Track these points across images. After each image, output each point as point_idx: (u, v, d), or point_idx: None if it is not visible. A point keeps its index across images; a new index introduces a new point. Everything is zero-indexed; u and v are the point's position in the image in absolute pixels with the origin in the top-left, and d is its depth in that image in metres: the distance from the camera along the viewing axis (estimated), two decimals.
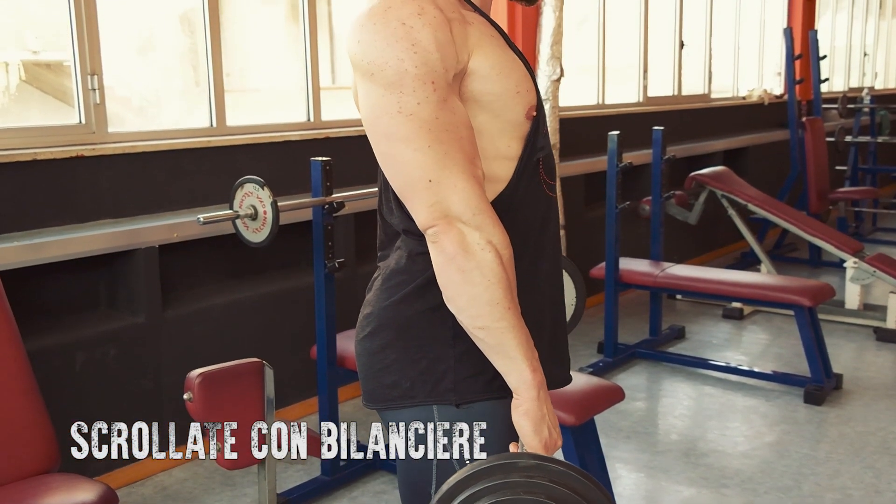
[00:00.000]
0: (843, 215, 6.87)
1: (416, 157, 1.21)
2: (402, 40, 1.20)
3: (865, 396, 3.86)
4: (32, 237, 2.85)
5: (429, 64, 1.21)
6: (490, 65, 1.28)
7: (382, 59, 1.21)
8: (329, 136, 3.87)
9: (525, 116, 1.32)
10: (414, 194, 1.23)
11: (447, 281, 1.24)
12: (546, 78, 4.53)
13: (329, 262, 2.88)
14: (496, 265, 1.22)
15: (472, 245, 1.21)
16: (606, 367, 4.23)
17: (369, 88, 1.23)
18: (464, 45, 1.26)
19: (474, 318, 1.23)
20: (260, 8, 4.17)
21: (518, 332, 1.25)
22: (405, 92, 1.20)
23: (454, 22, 1.26)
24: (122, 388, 3.09)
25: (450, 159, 1.22)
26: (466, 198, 1.22)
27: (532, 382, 1.26)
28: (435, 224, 1.22)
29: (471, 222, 1.21)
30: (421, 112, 1.21)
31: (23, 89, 3.34)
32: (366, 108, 1.25)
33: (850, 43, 9.93)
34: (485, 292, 1.22)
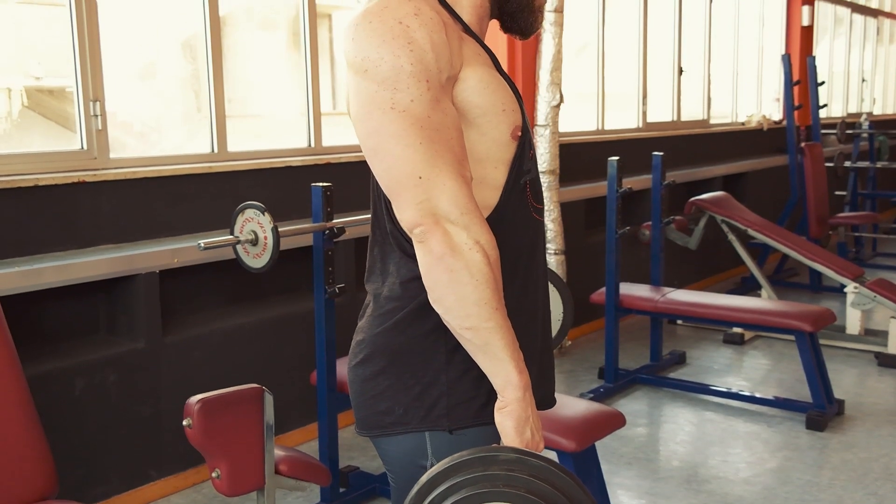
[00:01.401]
0: (843, 240, 6.88)
1: (407, 154, 1.21)
2: (398, 38, 1.21)
3: (868, 422, 3.84)
4: (33, 262, 2.85)
5: (424, 62, 1.22)
6: (478, 78, 1.29)
7: (378, 56, 1.22)
8: (330, 162, 3.88)
9: (511, 136, 1.32)
10: (402, 191, 1.23)
11: (434, 281, 1.23)
12: (546, 104, 4.55)
13: (329, 287, 2.88)
14: (484, 265, 1.21)
15: (459, 245, 1.21)
16: (607, 392, 4.21)
17: (362, 84, 1.24)
18: (458, 53, 1.27)
19: (462, 318, 1.23)
20: (261, 35, 4.21)
21: (505, 333, 1.24)
22: (399, 88, 1.21)
23: (449, 27, 1.27)
24: (122, 413, 3.08)
25: (440, 158, 1.22)
26: (454, 197, 1.21)
27: (518, 383, 1.26)
28: (422, 223, 1.21)
29: (458, 222, 1.21)
30: (414, 109, 1.21)
31: (25, 115, 3.36)
32: (357, 104, 1.26)
33: (848, 69, 9.99)
34: (473, 292, 1.21)
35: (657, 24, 6.36)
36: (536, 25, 1.45)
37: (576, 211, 5.09)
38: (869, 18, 10.53)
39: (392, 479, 1.44)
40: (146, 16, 3.64)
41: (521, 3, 1.41)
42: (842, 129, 7.40)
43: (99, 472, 3.03)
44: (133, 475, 3.13)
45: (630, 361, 4.63)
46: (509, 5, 1.41)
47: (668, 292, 4.39)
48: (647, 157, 4.72)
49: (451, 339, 1.30)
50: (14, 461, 2.17)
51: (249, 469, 2.14)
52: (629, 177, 4.79)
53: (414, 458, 1.36)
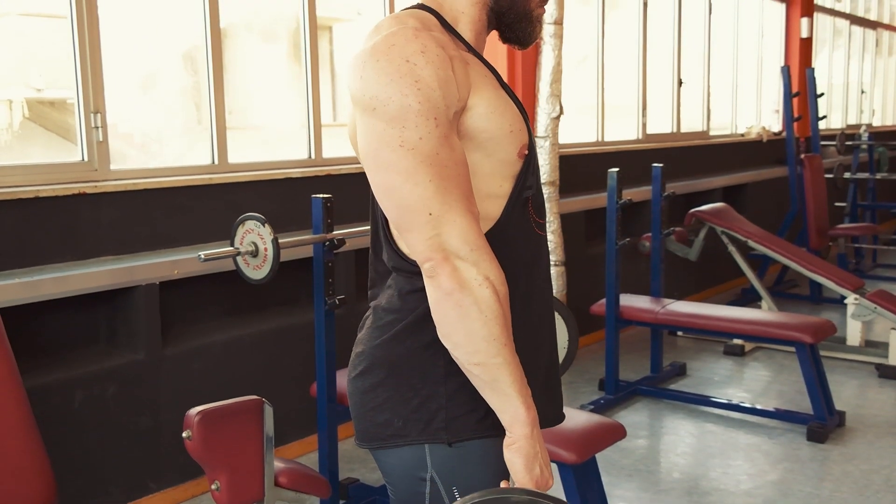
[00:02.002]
0: (843, 251, 6.88)
1: (416, 191, 1.22)
2: (405, 76, 1.22)
3: (869, 434, 3.83)
4: (33, 274, 2.85)
5: (431, 100, 1.22)
6: (486, 103, 1.30)
7: (386, 95, 1.22)
8: (330, 174, 3.88)
9: (517, 155, 1.33)
10: (412, 227, 1.24)
11: (443, 317, 1.24)
12: (546, 116, 4.56)
13: (329, 298, 2.87)
14: (493, 301, 1.22)
15: (469, 281, 1.22)
16: (608, 404, 4.20)
17: (370, 122, 1.25)
18: (464, 83, 1.28)
19: (471, 354, 1.24)
20: (262, 46, 4.22)
21: (513, 369, 1.25)
22: (407, 126, 1.22)
23: (455, 60, 1.28)
24: (121, 425, 3.08)
25: (449, 194, 1.23)
26: (464, 233, 1.22)
27: (526, 420, 1.26)
28: (432, 258, 1.22)
29: (468, 258, 1.22)
30: (422, 146, 1.22)
31: (26, 127, 3.37)
32: (365, 142, 1.26)
33: (847, 81, 10.02)
34: (482, 328, 1.22)
35: (657, 36, 6.38)
36: (535, 35, 1.46)
37: (576, 222, 5.10)
38: (868, 30, 10.57)
39: (391, 492, 1.43)
40: (147, 27, 3.65)
41: (520, 14, 1.41)
42: (841, 140, 7.42)
43: (98, 483, 3.02)
44: (132, 487, 3.12)
45: (630, 373, 4.63)
46: (507, 16, 1.41)
47: (669, 304, 4.39)
48: (647, 169, 4.73)
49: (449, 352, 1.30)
50: (13, 473, 2.17)
51: (249, 481, 2.14)
52: (629, 188, 4.79)
53: (413, 470, 1.36)
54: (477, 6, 1.39)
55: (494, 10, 1.41)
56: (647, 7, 6.18)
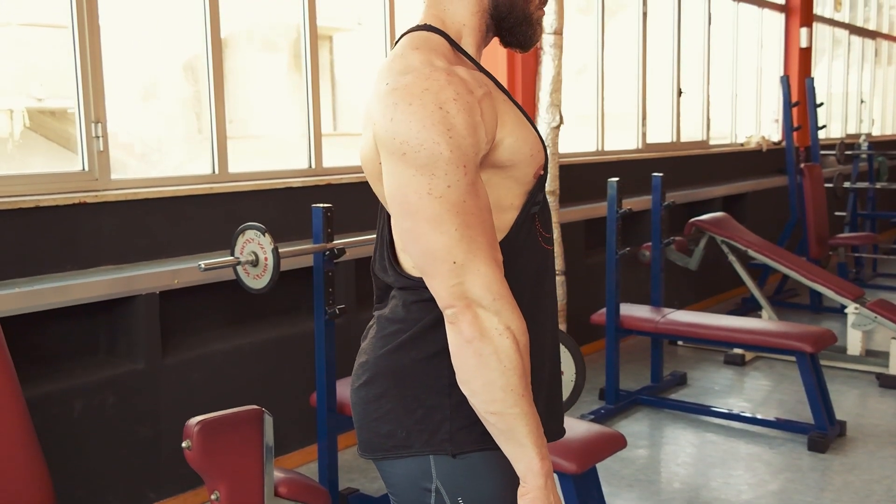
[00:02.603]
0: (843, 261, 6.88)
1: (442, 240, 1.22)
2: (438, 124, 1.21)
3: (870, 444, 3.82)
4: (34, 283, 2.85)
5: (462, 148, 1.22)
6: (511, 136, 1.30)
7: (417, 141, 1.21)
8: (330, 183, 3.89)
9: (533, 176, 1.34)
10: (436, 274, 1.24)
11: (462, 364, 1.24)
12: (546, 125, 4.57)
13: (329, 308, 2.87)
14: (513, 351, 1.22)
15: (490, 330, 1.22)
16: (608, 413, 4.20)
17: (398, 167, 1.23)
18: (492, 123, 1.27)
19: (488, 402, 1.24)
20: (262, 56, 4.23)
21: (530, 420, 1.25)
22: (437, 174, 1.21)
23: (483, 100, 1.27)
24: (121, 435, 3.07)
25: (474, 244, 1.23)
26: (488, 283, 1.22)
27: (540, 471, 1.26)
28: (454, 305, 1.23)
29: (490, 307, 1.22)
30: (450, 195, 1.21)
31: (27, 136, 3.37)
32: (392, 186, 1.25)
33: (846, 90, 10.04)
34: (500, 378, 1.22)
35: (656, 46, 6.39)
36: (536, 38, 1.46)
37: (576, 232, 5.10)
38: (867, 40, 10.60)
39: (395, 502, 1.43)
40: (148, 37, 3.66)
41: (520, 17, 1.41)
42: (841, 149, 7.42)
43: (97, 493, 3.01)
44: (132, 497, 3.11)
45: (631, 382, 4.62)
46: (508, 21, 1.41)
47: (669, 313, 4.39)
48: (646, 178, 4.73)
49: None
50: (13, 482, 2.16)
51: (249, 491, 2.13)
52: (629, 197, 4.79)
53: (418, 480, 1.36)
54: (477, 15, 1.39)
55: (494, 16, 1.41)
56: (646, 17, 6.20)
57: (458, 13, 1.38)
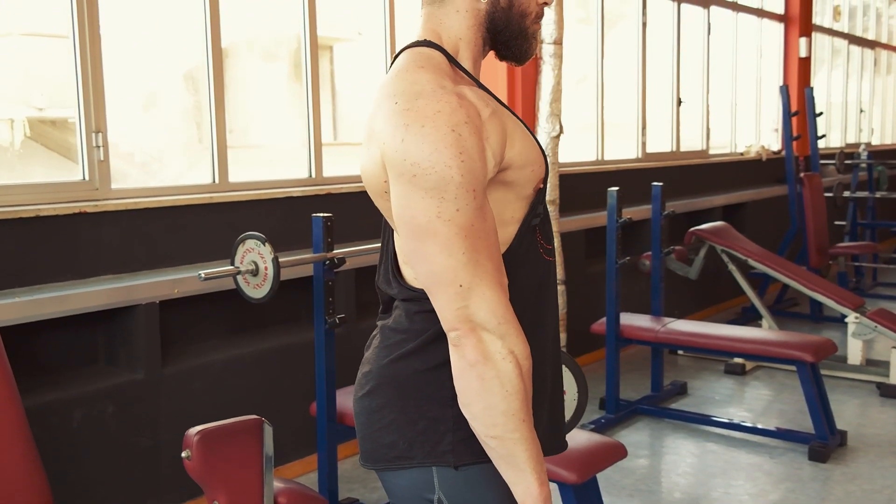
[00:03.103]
0: (843, 270, 6.88)
1: (450, 263, 1.22)
2: (450, 147, 1.20)
3: (871, 453, 3.81)
4: (33, 293, 2.85)
5: (473, 172, 1.22)
6: (518, 155, 1.31)
7: (429, 164, 1.20)
8: (330, 192, 3.89)
9: (533, 189, 1.35)
10: (442, 295, 1.24)
11: (465, 387, 1.24)
12: (546, 135, 4.57)
13: (329, 317, 2.87)
14: (515, 376, 1.22)
15: (493, 354, 1.22)
16: (608, 423, 4.19)
17: (407, 189, 1.23)
18: (500, 145, 1.28)
19: (488, 426, 1.24)
20: (263, 66, 4.24)
21: (530, 445, 1.24)
22: (447, 198, 1.21)
23: (491, 119, 1.27)
24: (120, 445, 3.07)
25: (481, 268, 1.23)
26: (493, 307, 1.22)
27: (538, 497, 1.25)
28: (458, 328, 1.23)
29: (495, 331, 1.22)
30: (459, 219, 1.21)
31: (27, 146, 3.37)
32: (401, 207, 1.25)
33: (846, 100, 10.05)
34: (502, 402, 1.22)
35: (656, 56, 6.41)
36: (531, 52, 1.46)
37: (576, 241, 5.10)
38: (866, 50, 10.62)
39: None
40: (149, 47, 3.67)
41: (515, 31, 1.41)
42: (840, 159, 7.43)
43: (97, 503, 3.00)
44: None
45: (631, 392, 4.62)
46: (503, 34, 1.41)
47: (669, 322, 4.38)
48: (646, 188, 4.74)
49: None
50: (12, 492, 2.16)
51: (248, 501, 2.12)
52: (629, 207, 4.80)
53: (420, 492, 1.36)
54: (473, 29, 1.40)
55: (490, 30, 1.41)
56: (646, 27, 6.22)
57: (455, 28, 1.38)
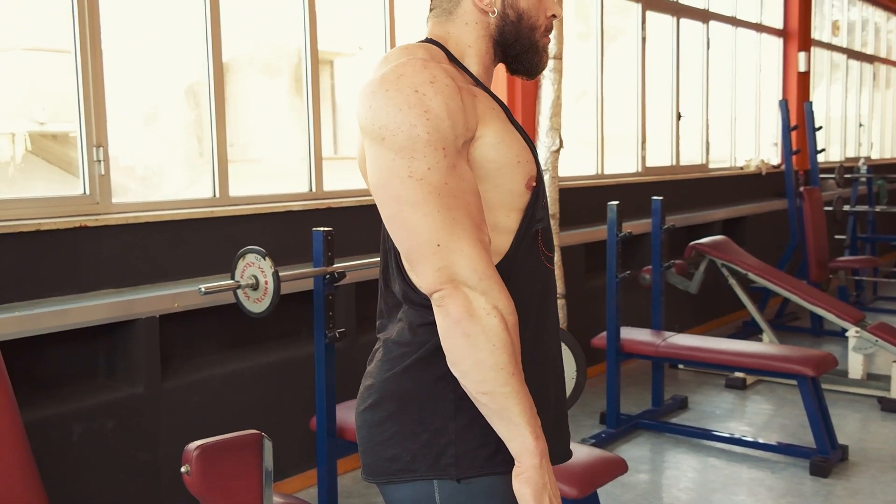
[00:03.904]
0: (843, 284, 6.88)
1: (425, 222, 1.22)
2: (415, 107, 1.23)
3: (872, 468, 3.80)
4: (33, 307, 2.85)
5: (440, 130, 1.23)
6: (494, 134, 1.31)
7: (395, 124, 1.23)
8: (331, 207, 3.89)
9: (525, 186, 1.34)
10: (421, 258, 1.24)
11: (452, 345, 1.24)
12: (546, 149, 4.58)
13: (330, 332, 2.87)
14: (501, 330, 1.22)
15: (477, 310, 1.22)
16: (609, 438, 4.18)
17: (379, 152, 1.25)
18: (473, 113, 1.29)
19: (478, 382, 1.23)
20: (264, 81, 4.25)
21: (522, 399, 1.24)
22: (416, 157, 1.22)
23: (464, 91, 1.29)
24: (120, 460, 3.06)
25: (458, 224, 1.23)
26: (473, 263, 1.23)
27: (534, 450, 1.25)
28: (441, 288, 1.23)
29: (477, 287, 1.22)
30: (431, 177, 1.22)
31: (28, 160, 3.38)
32: (375, 172, 1.27)
33: (845, 114, 10.08)
34: (489, 357, 1.21)
35: (655, 70, 6.43)
36: (542, 65, 1.47)
37: (576, 255, 5.10)
38: (865, 64, 10.65)
39: None
40: (150, 62, 3.68)
41: (525, 45, 1.43)
42: (840, 173, 7.44)
43: None
44: None
45: (632, 406, 4.60)
46: (514, 48, 1.43)
47: (669, 336, 4.38)
48: (646, 202, 4.74)
49: (459, 386, 1.29)
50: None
51: None
52: (629, 221, 4.80)
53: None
54: (483, 39, 1.41)
55: (500, 43, 1.42)
56: (645, 42, 6.24)
57: (464, 36, 1.40)
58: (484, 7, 1.39)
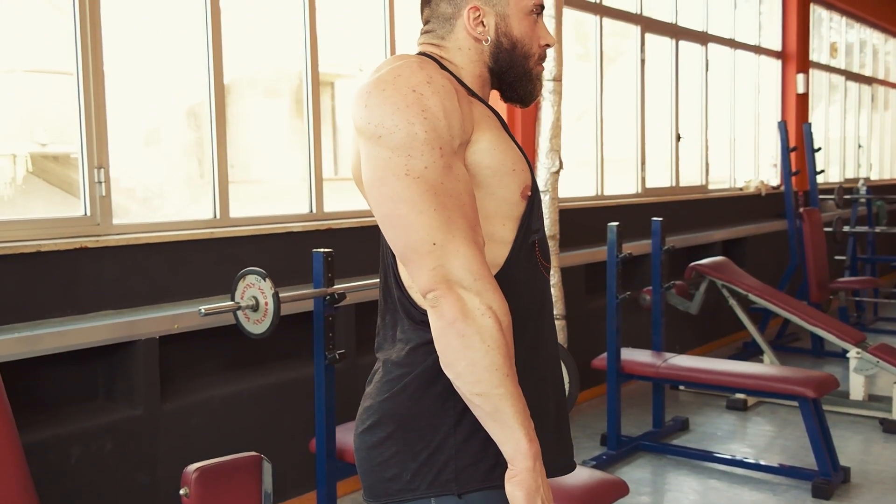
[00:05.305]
0: (843, 305, 6.87)
1: (421, 220, 1.22)
2: (412, 105, 1.24)
3: (874, 490, 3.78)
4: (34, 328, 2.84)
5: (437, 130, 1.24)
6: (489, 140, 1.32)
7: (392, 123, 1.23)
8: (331, 228, 3.90)
9: (520, 195, 1.35)
10: (416, 257, 1.24)
11: (446, 346, 1.23)
12: (546, 170, 4.60)
13: (329, 353, 2.86)
14: (496, 331, 1.22)
15: (472, 310, 1.21)
16: (610, 460, 4.16)
17: (376, 151, 1.25)
18: (469, 117, 1.30)
19: (472, 384, 1.23)
20: (265, 102, 4.27)
21: (516, 400, 1.23)
22: (413, 155, 1.23)
23: (460, 93, 1.30)
24: (118, 482, 3.04)
25: (453, 224, 1.23)
26: (468, 263, 1.22)
27: (528, 452, 1.24)
28: (435, 288, 1.22)
29: (471, 288, 1.22)
30: (428, 175, 1.23)
31: (29, 181, 3.39)
32: (370, 171, 1.27)
33: (844, 135, 10.11)
34: (484, 358, 1.21)
35: (654, 92, 6.46)
36: (536, 93, 1.48)
37: (576, 276, 5.10)
38: (863, 86, 10.70)
39: None
40: (151, 83, 3.70)
41: (519, 73, 1.44)
42: (840, 194, 7.46)
43: None
44: None
45: (632, 428, 4.59)
46: (507, 76, 1.44)
47: (670, 357, 4.37)
48: (646, 223, 4.75)
49: (458, 402, 1.30)
50: None
51: None
52: (629, 242, 4.81)
53: None
54: (476, 64, 1.42)
55: (494, 71, 1.43)
56: (644, 63, 6.27)
57: (458, 58, 1.41)
58: (477, 36, 1.40)
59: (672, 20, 6.65)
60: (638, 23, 6.20)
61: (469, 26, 1.39)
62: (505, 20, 1.40)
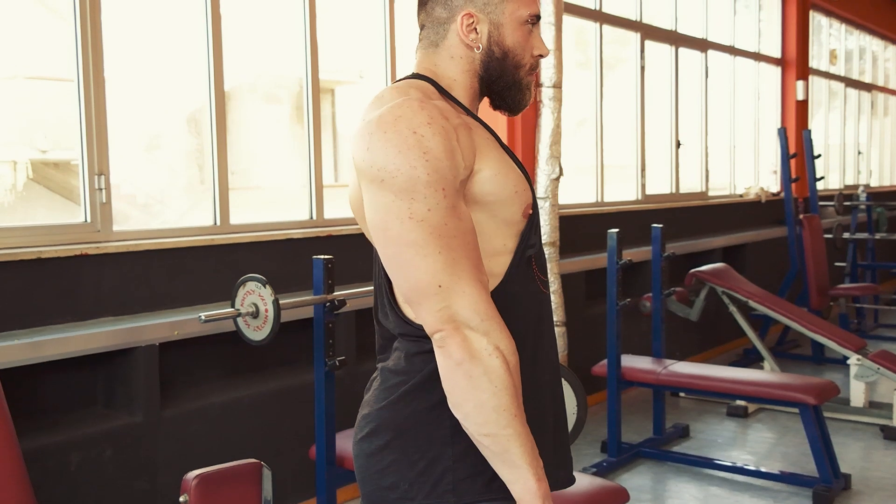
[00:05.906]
0: (844, 311, 6.86)
1: (426, 263, 1.22)
2: (413, 148, 1.23)
3: (875, 497, 3.78)
4: (34, 335, 2.84)
5: (440, 171, 1.24)
6: (491, 167, 1.32)
7: (394, 166, 1.23)
8: (331, 234, 3.90)
9: (522, 215, 1.35)
10: (423, 299, 1.24)
11: (453, 386, 1.23)
12: (545, 177, 4.60)
13: (329, 359, 2.86)
14: (503, 371, 1.22)
15: (479, 351, 1.22)
16: (610, 466, 4.15)
17: (378, 194, 1.25)
18: (469, 150, 1.30)
19: (480, 424, 1.23)
20: (265, 109, 4.28)
21: (524, 440, 1.24)
22: (416, 198, 1.23)
23: (459, 129, 1.30)
24: (118, 489, 3.04)
25: (458, 266, 1.23)
26: (474, 304, 1.23)
27: (537, 493, 1.25)
28: (442, 329, 1.23)
29: (479, 328, 1.22)
30: (431, 218, 1.23)
31: (30, 187, 3.39)
32: (373, 213, 1.27)
33: (843, 142, 10.13)
34: (492, 398, 1.21)
35: (654, 99, 6.47)
36: (525, 103, 1.48)
37: (576, 283, 5.10)
38: (863, 92, 10.72)
39: None
40: (152, 90, 3.71)
41: (509, 82, 1.44)
42: (839, 200, 7.46)
43: None
44: None
45: (633, 435, 4.58)
46: (497, 84, 1.44)
47: (670, 364, 4.37)
48: (646, 229, 4.75)
49: None
50: None
51: None
52: (629, 248, 4.81)
53: None
54: (468, 74, 1.42)
55: (484, 80, 1.43)
56: (644, 70, 6.28)
57: (450, 69, 1.42)
58: (469, 43, 1.40)
59: (672, 27, 6.66)
60: (638, 30, 6.21)
61: (462, 33, 1.40)
62: (499, 29, 1.40)
